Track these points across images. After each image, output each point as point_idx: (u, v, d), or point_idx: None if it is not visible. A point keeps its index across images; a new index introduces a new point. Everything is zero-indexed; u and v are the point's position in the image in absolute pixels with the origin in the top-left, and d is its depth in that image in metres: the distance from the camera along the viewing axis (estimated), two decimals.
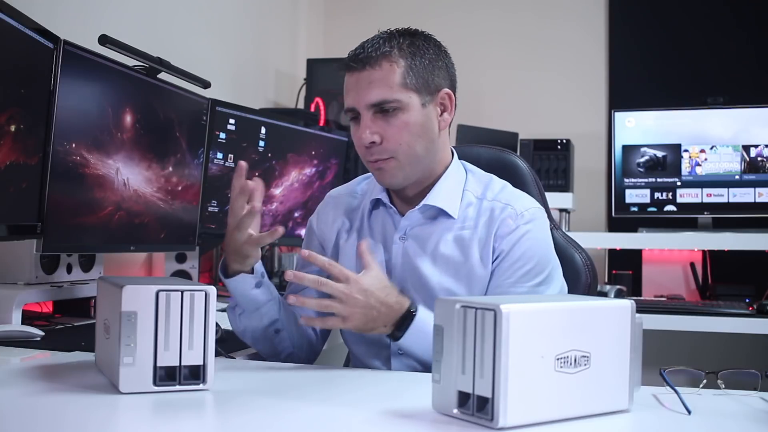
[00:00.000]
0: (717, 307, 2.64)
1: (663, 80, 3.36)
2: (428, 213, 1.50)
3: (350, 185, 1.65)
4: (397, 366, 1.50)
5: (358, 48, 1.46)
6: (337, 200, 1.62)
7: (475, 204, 1.49)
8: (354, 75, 1.44)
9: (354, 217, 1.58)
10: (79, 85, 1.66)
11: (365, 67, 1.43)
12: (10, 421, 0.99)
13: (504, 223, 1.45)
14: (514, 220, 1.45)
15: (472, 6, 3.62)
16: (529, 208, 1.48)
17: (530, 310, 0.98)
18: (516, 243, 1.44)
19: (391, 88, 1.41)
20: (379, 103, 1.41)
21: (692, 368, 1.21)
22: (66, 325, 1.78)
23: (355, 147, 1.49)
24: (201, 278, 2.52)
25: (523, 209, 1.47)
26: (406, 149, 1.43)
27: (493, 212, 1.47)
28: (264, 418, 1.04)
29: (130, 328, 1.10)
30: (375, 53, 1.42)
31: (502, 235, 1.45)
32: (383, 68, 1.42)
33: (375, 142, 1.42)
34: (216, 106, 2.20)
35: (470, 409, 0.98)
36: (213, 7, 2.91)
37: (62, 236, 1.67)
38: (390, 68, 1.42)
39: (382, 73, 1.42)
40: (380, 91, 1.41)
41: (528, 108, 3.53)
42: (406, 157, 1.43)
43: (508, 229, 1.45)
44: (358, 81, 1.43)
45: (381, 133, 1.42)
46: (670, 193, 3.06)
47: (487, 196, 1.49)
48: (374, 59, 1.42)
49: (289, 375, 1.37)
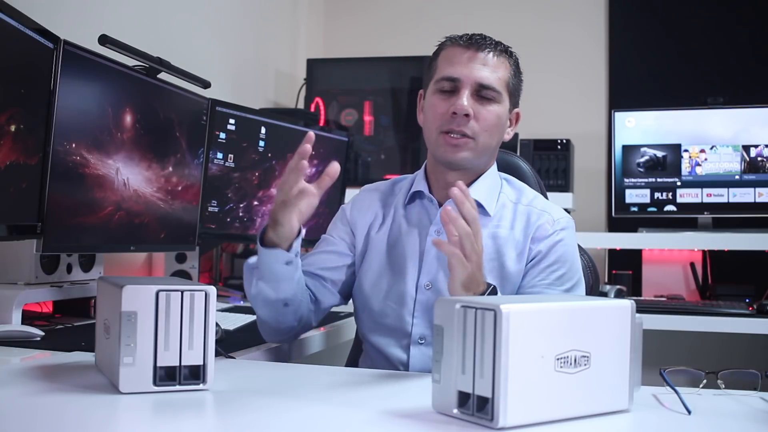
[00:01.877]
0: (717, 307, 2.65)
1: (663, 80, 3.36)
2: None
3: (387, 182, 1.69)
4: (415, 354, 1.51)
5: (477, 35, 1.52)
6: (373, 193, 1.67)
7: (510, 207, 1.56)
8: (468, 52, 1.50)
9: (387, 212, 1.62)
10: (79, 85, 1.66)
11: (482, 49, 1.50)
12: (10, 421, 0.99)
13: (542, 227, 1.52)
14: (551, 225, 1.52)
15: (472, 6, 3.62)
16: (564, 217, 1.55)
17: (530, 310, 0.99)
18: (552, 247, 1.50)
19: (500, 80, 1.51)
20: (487, 87, 1.49)
21: (692, 368, 1.21)
22: (66, 325, 1.78)
23: (429, 115, 1.53)
24: (201, 278, 2.52)
25: (558, 217, 1.54)
26: (486, 136, 1.50)
27: (530, 217, 1.53)
28: (264, 418, 1.04)
29: (130, 328, 1.10)
30: (495, 46, 1.52)
31: (540, 238, 1.51)
32: (500, 60, 1.52)
33: (469, 114, 1.47)
34: (216, 106, 2.20)
35: (470, 409, 0.98)
36: (213, 8, 2.91)
37: (62, 236, 1.67)
38: (502, 63, 1.52)
39: (497, 63, 1.51)
40: (492, 76, 1.50)
41: (528, 108, 3.50)
42: (482, 143, 1.51)
43: (546, 233, 1.51)
44: (472, 58, 1.50)
45: (475, 111, 1.48)
46: (670, 193, 3.06)
47: (522, 201, 1.56)
48: (494, 49, 1.52)
49: (289, 375, 1.37)
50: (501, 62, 1.51)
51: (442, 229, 1.51)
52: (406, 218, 1.59)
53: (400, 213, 1.60)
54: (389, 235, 1.59)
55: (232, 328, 1.78)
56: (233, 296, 2.46)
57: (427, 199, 1.57)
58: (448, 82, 1.50)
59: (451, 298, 1.02)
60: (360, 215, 1.63)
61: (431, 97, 1.53)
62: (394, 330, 1.55)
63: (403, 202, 1.60)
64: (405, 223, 1.59)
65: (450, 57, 1.51)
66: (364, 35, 3.67)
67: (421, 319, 1.53)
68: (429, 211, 1.57)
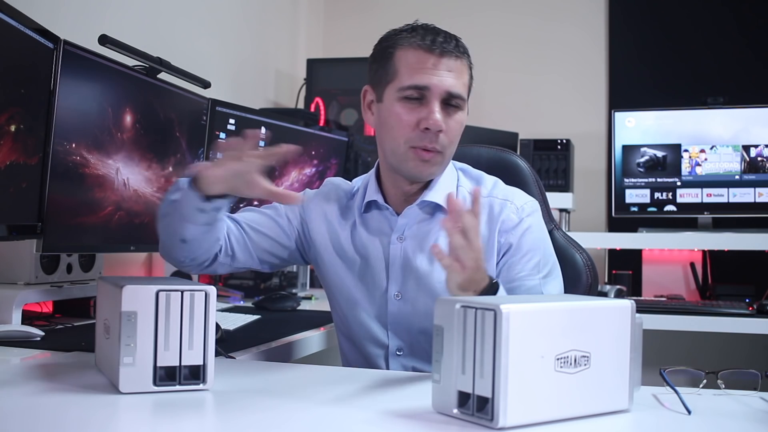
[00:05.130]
0: (717, 307, 2.64)
1: (663, 80, 3.36)
2: (426, 209, 1.50)
3: (348, 184, 1.63)
4: (395, 366, 1.51)
5: (432, 32, 1.42)
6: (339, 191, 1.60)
7: (469, 200, 1.48)
8: (432, 57, 1.40)
9: (348, 216, 1.56)
10: (79, 85, 1.66)
11: (447, 54, 1.41)
12: (10, 421, 0.99)
13: (507, 218, 1.46)
14: (516, 214, 1.47)
15: (472, 7, 3.62)
16: (527, 201, 1.50)
17: (530, 310, 0.98)
18: (522, 236, 1.46)
19: (464, 86, 1.44)
20: (456, 95, 1.41)
21: (692, 368, 1.21)
22: (66, 325, 1.78)
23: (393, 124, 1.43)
24: (201, 278, 2.52)
25: (522, 203, 1.48)
26: (452, 148, 1.46)
27: (492, 208, 1.47)
28: (264, 418, 1.04)
29: (130, 328, 1.10)
30: (457, 49, 1.42)
31: (507, 230, 1.46)
32: (462, 64, 1.43)
33: (442, 130, 1.41)
34: (216, 106, 2.20)
35: (470, 409, 0.98)
36: (213, 8, 2.91)
37: (62, 236, 1.67)
38: (465, 66, 1.44)
39: (461, 67, 1.43)
40: (458, 83, 1.42)
41: (528, 108, 3.53)
42: (448, 155, 1.46)
43: (512, 223, 1.46)
44: (437, 64, 1.40)
45: (444, 123, 1.41)
46: (670, 193, 3.06)
47: (482, 193, 1.48)
48: (458, 52, 1.42)
49: (289, 375, 1.37)
50: (463, 65, 1.43)
51: (403, 236, 1.49)
52: (364, 226, 1.54)
53: (359, 221, 1.54)
54: (353, 243, 1.54)
55: (232, 328, 1.78)
56: (233, 296, 2.46)
57: (384, 208, 1.52)
58: (415, 90, 1.40)
59: (451, 298, 1.02)
60: (316, 209, 1.57)
61: (394, 105, 1.42)
62: (372, 341, 1.52)
63: (359, 210, 1.55)
64: (365, 231, 1.53)
65: (412, 62, 1.40)
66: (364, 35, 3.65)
67: (395, 331, 1.50)
68: (388, 219, 1.52)
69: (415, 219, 1.50)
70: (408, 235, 1.50)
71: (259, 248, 1.56)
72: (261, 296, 2.33)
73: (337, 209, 1.57)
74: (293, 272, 2.67)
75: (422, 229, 1.49)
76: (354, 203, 1.57)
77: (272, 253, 1.57)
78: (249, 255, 1.55)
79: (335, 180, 1.65)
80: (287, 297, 2.29)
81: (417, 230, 1.50)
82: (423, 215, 1.50)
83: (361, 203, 1.55)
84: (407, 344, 1.50)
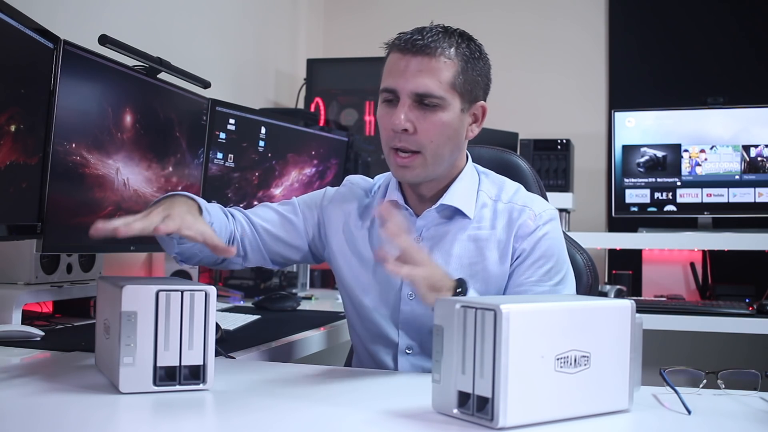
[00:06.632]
0: (717, 307, 2.64)
1: (663, 80, 3.36)
2: (444, 213, 1.50)
3: (369, 182, 1.64)
4: (403, 364, 1.51)
5: (414, 33, 1.41)
6: (358, 190, 1.61)
7: (490, 205, 1.50)
8: (405, 58, 1.40)
9: (367, 216, 1.57)
10: (79, 85, 1.66)
11: (420, 54, 1.39)
12: (10, 421, 0.99)
13: (524, 224, 1.47)
14: (533, 221, 1.47)
15: (472, 6, 3.62)
16: (546, 209, 1.50)
17: (530, 310, 0.98)
18: (537, 243, 1.46)
19: (440, 84, 1.39)
20: (424, 95, 1.39)
21: (692, 368, 1.21)
22: (66, 325, 1.78)
23: (380, 129, 1.46)
24: (201, 278, 2.52)
25: (540, 210, 1.49)
26: (434, 147, 1.42)
27: (512, 214, 1.48)
28: (264, 418, 1.04)
29: (130, 328, 1.10)
30: (434, 44, 1.39)
31: (523, 236, 1.46)
32: (438, 62, 1.39)
33: (407, 130, 1.40)
34: (216, 106, 2.20)
35: (470, 409, 0.98)
36: (213, 7, 2.91)
37: (62, 236, 1.67)
38: (444, 65, 1.40)
39: (436, 65, 1.39)
40: (429, 83, 1.39)
41: (528, 108, 3.53)
42: (432, 155, 1.43)
43: (528, 229, 1.46)
44: (407, 65, 1.39)
45: (415, 123, 1.40)
46: (670, 193, 3.06)
47: (502, 198, 1.50)
48: (432, 50, 1.39)
49: (289, 375, 1.37)
50: (442, 63, 1.39)
51: (420, 237, 1.50)
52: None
53: (378, 220, 1.53)
54: (371, 243, 1.54)
55: (232, 328, 1.78)
56: (233, 296, 2.46)
57: (403, 209, 1.52)
58: (388, 93, 1.41)
59: (452, 299, 1.02)
60: (335, 210, 1.58)
61: (379, 109, 1.45)
62: (383, 338, 1.53)
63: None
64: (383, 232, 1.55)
65: (389, 64, 1.42)
66: (364, 35, 3.66)
67: (406, 330, 1.51)
68: (407, 220, 1.51)
69: (433, 222, 1.51)
70: (425, 236, 1.50)
71: (272, 251, 1.58)
72: (261, 296, 2.33)
73: (355, 209, 1.58)
74: (293, 272, 2.67)
75: (439, 230, 1.50)
76: (374, 202, 1.58)
77: (284, 255, 1.60)
78: (261, 256, 1.58)
79: (354, 178, 1.66)
80: (287, 297, 2.29)
81: (435, 232, 1.50)
82: (440, 219, 1.50)
83: (381, 202, 1.55)
84: (417, 343, 1.51)
